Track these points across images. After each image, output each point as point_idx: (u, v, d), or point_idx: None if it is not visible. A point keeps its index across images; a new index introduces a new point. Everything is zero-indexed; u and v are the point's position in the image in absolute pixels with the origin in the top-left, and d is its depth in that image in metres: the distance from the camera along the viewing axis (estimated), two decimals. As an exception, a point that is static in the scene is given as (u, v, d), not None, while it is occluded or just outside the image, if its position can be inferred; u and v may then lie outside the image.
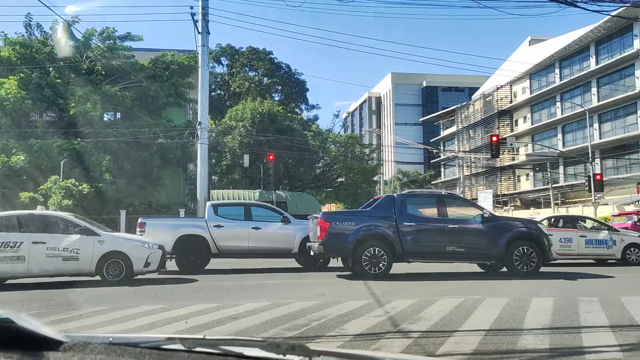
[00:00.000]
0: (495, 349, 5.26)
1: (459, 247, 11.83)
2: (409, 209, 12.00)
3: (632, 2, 9.37)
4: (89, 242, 10.59)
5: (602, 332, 5.92)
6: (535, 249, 11.94)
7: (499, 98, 59.14)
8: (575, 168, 47.12)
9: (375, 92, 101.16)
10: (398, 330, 6.08)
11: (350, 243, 11.43)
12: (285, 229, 13.73)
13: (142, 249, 11.02)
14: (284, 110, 33.54)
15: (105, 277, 10.63)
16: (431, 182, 75.76)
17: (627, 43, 42.41)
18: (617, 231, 16.67)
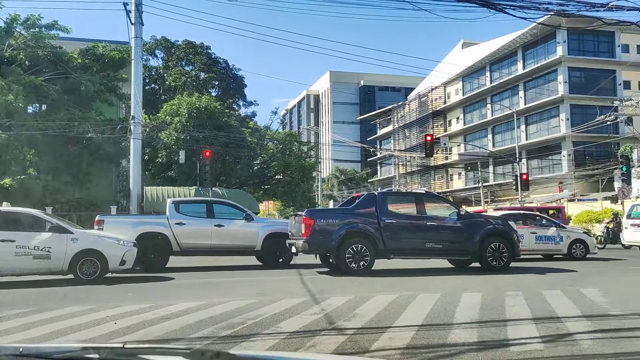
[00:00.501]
0: (427, 343, 5.39)
1: (437, 244, 12.19)
2: (389, 207, 12.24)
3: (555, 11, 9.83)
4: (61, 240, 10.28)
5: (526, 325, 6.19)
6: (507, 245, 12.42)
7: (434, 99, 60.86)
8: (504, 167, 49.24)
9: (314, 90, 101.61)
10: (333, 327, 6.12)
11: (335, 240, 11.52)
12: (248, 227, 13.68)
13: (117, 246, 10.82)
14: (221, 106, 32.98)
15: (78, 276, 10.35)
16: (368, 180, 76.97)
17: (551, 49, 44.72)
18: (564, 228, 17.55)
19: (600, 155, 42.24)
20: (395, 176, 61.49)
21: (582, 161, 42.61)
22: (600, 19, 10.94)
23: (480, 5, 9.10)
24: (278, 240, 13.64)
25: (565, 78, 43.58)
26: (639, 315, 6.78)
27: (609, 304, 7.66)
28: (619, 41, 43.74)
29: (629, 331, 5.89)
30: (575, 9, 9.77)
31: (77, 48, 28.36)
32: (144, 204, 24.98)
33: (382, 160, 72.52)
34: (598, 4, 9.81)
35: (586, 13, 10.53)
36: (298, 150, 38.70)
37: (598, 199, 36.22)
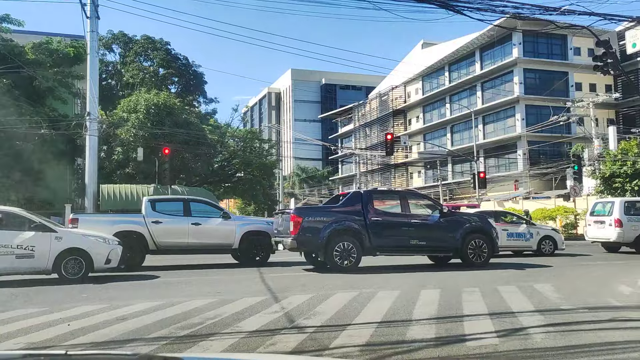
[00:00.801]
0: (386, 340, 5.45)
1: (421, 241, 12.49)
2: (375, 205, 12.44)
3: (511, 13, 10.07)
4: (45, 239, 10.13)
5: (482, 320, 6.34)
6: (487, 242, 12.82)
7: (394, 98, 61.52)
8: (462, 166, 50.22)
9: (275, 88, 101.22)
10: (293, 326, 6.12)
11: (323, 238, 11.67)
12: (226, 225, 13.65)
13: (102, 245, 10.73)
14: (181, 103, 32.49)
15: (63, 275, 10.22)
16: (329, 178, 77.23)
17: (507, 51, 45.85)
18: (534, 225, 18.06)
19: (554, 155, 43.61)
20: (356, 174, 61.97)
21: (537, 160, 43.87)
22: (554, 22, 11.29)
23: (439, 6, 9.24)
24: (255, 238, 13.74)
25: (520, 79, 44.75)
26: (588, 309, 7.02)
27: (560, 298, 7.92)
28: (571, 44, 45.21)
29: (579, 324, 6.10)
30: (530, 12, 10.04)
31: (32, 42, 27.43)
32: (100, 203, 24.39)
33: (343, 158, 72.89)
34: (551, 7, 10.12)
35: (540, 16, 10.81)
36: (259, 148, 38.50)
37: (551, 196, 37.37)
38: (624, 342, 5.25)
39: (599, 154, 33.63)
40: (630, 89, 41.48)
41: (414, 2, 9.42)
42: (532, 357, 4.80)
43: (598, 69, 11.77)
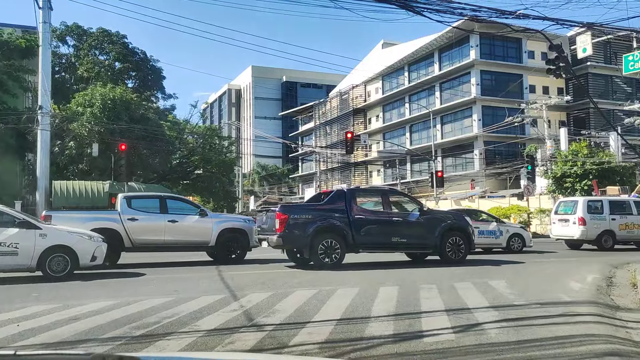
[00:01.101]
0: (345, 337, 5.48)
1: (402, 238, 12.70)
2: (358, 203, 12.63)
3: (469, 16, 10.27)
4: (29, 236, 9.95)
5: (439, 316, 6.46)
6: (464, 239, 13.18)
7: (354, 97, 61.91)
8: (421, 165, 50.98)
9: (236, 85, 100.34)
10: (252, 324, 6.08)
11: (308, 235, 11.78)
12: (203, 222, 13.58)
13: (88, 242, 10.60)
14: (138, 98, 31.77)
15: (48, 272, 10.06)
16: (289, 176, 77.14)
17: (465, 53, 46.81)
18: (504, 223, 18.56)
19: (509, 155, 44.78)
20: (316, 172, 62.11)
21: (492, 160, 44.97)
22: (509, 26, 11.58)
23: (400, 7, 9.34)
24: (232, 235, 13.75)
25: (477, 80, 45.75)
26: (540, 305, 7.24)
27: (514, 294, 8.14)
28: (525, 48, 46.51)
29: (531, 319, 6.28)
30: (487, 15, 10.27)
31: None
32: (53, 199, 23.65)
33: (304, 156, 72.91)
34: (507, 11, 10.37)
35: (497, 19, 11.09)
36: (219, 145, 38.10)
37: (506, 195, 38.38)
38: (572, 336, 5.43)
39: (551, 154, 34.75)
40: (581, 92, 43.00)
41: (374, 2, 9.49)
42: (486, 351, 4.91)
43: (551, 72, 12.15)
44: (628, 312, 7.03)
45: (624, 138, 17.78)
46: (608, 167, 31.20)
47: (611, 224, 18.20)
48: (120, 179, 26.03)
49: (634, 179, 33.10)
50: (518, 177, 40.93)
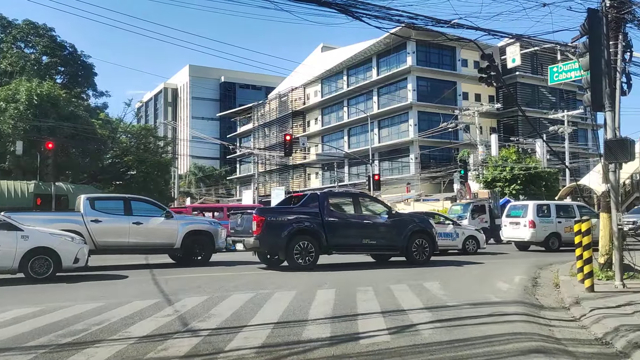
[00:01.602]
0: (282, 340, 5.45)
1: (372, 240, 13.15)
2: (331, 206, 12.96)
3: (406, 23, 10.49)
4: (10, 238, 9.86)
5: (375, 318, 6.54)
6: (428, 241, 13.70)
7: (294, 99, 61.99)
8: (358, 168, 51.69)
9: (172, 84, 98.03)
10: (187, 329, 5.93)
11: (284, 237, 11.99)
12: (168, 224, 13.39)
13: (71, 244, 10.51)
14: (67, 95, 30.34)
15: (30, 275, 9.96)
16: (227, 177, 76.15)
17: (402, 59, 47.94)
18: (460, 225, 19.05)
19: (443, 159, 46.20)
20: (254, 174, 61.60)
21: (427, 164, 46.23)
22: (444, 34, 11.94)
23: (340, 11, 9.41)
24: (197, 237, 13.67)
25: (414, 86, 46.95)
26: (470, 305, 7.48)
27: (447, 295, 8.37)
28: (459, 56, 48.18)
29: (462, 320, 6.48)
30: (424, 23, 10.54)
31: None
32: (-29, 200, 22.23)
33: (242, 157, 72.23)
34: (442, 20, 10.68)
35: (433, 27, 11.39)
36: (154, 145, 37.03)
37: (440, 199, 39.53)
38: (501, 335, 5.64)
39: (483, 159, 36.14)
40: (510, 100, 45.00)
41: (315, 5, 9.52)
42: (421, 352, 5.02)
43: (483, 80, 12.59)
44: (551, 311, 7.39)
45: (549, 145, 18.70)
46: (534, 173, 32.79)
47: (557, 226, 19.16)
48: (46, 179, 24.75)
49: (557, 183, 34.96)
50: (451, 181, 42.28)
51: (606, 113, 9.42)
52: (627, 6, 9.74)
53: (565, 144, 36.95)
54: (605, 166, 9.49)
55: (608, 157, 9.05)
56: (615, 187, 9.43)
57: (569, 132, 38.00)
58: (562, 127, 37.37)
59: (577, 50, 11.46)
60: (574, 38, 10.71)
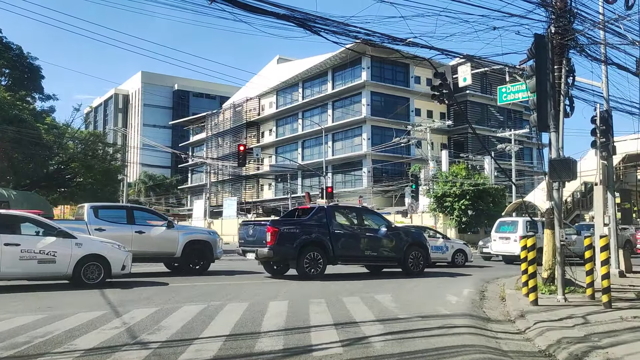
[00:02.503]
0: (234, 353, 5.40)
1: (374, 252, 13.88)
2: (337, 219, 13.70)
3: (362, 39, 10.69)
4: (66, 245, 10.40)
5: (327, 330, 6.57)
6: (423, 254, 14.57)
7: (248, 109, 61.76)
8: (312, 180, 51.88)
9: (123, 90, 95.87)
10: (136, 341, 5.80)
11: (296, 248, 12.64)
12: (169, 233, 13.65)
13: (119, 252, 11.04)
14: (11, 97, 29.17)
15: (82, 281, 10.45)
16: (178, 187, 74.82)
17: (357, 74, 48.65)
18: (449, 239, 19.85)
19: (395, 174, 46.99)
20: (206, 184, 60.86)
21: (380, 178, 46.89)
22: (400, 52, 12.21)
23: (298, 25, 9.49)
24: (197, 247, 13.98)
25: (368, 101, 47.67)
26: (421, 318, 7.62)
27: (398, 308, 8.50)
28: (412, 73, 49.34)
29: (413, 332, 6.60)
30: (380, 40, 10.75)
31: None
32: None
33: (194, 167, 71.24)
34: (398, 38, 10.93)
35: (389, 45, 11.64)
36: (103, 152, 36.01)
37: (392, 212, 40.08)
38: (450, 347, 5.78)
39: (433, 175, 36.93)
40: (460, 117, 46.33)
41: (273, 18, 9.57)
42: (373, 364, 5.07)
43: (435, 97, 12.93)
44: (498, 324, 7.62)
45: (497, 162, 19.37)
46: (483, 189, 33.75)
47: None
48: (-14, 184, 23.72)
49: (504, 200, 36.07)
50: (403, 195, 43.00)
51: (551, 133, 9.85)
52: (570, 33, 10.25)
53: (512, 161, 38.28)
54: (550, 184, 9.89)
55: (552, 176, 9.44)
56: (558, 205, 9.84)
57: (516, 150, 39.42)
58: (509, 145, 38.73)
59: (525, 73, 11.98)
60: (522, 61, 11.16)
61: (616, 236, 13.91)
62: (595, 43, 11.73)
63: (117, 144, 51.51)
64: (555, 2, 10.14)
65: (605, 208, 13.53)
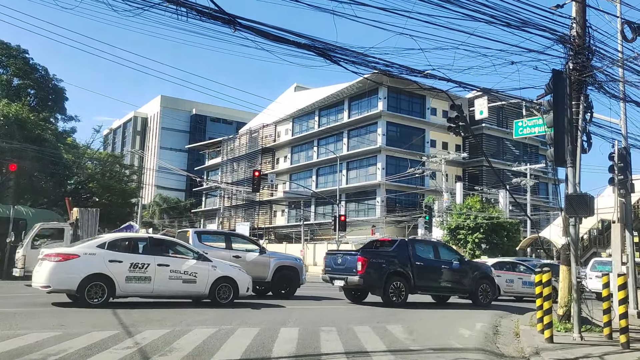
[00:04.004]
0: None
1: (448, 283, 14.86)
2: (417, 252, 14.57)
3: (381, 70, 10.84)
4: (204, 267, 11.60)
5: (338, 359, 6.52)
6: (491, 286, 15.54)
7: (264, 136, 62.26)
8: (325, 208, 51.84)
9: (142, 113, 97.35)
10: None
11: (382, 278, 13.65)
12: (262, 259, 14.65)
13: (245, 275, 12.33)
14: (35, 117, 29.83)
15: (216, 300, 11.63)
16: (191, 210, 75.16)
17: (373, 104, 48.96)
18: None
19: (408, 204, 46.78)
20: (220, 208, 61.07)
21: (393, 208, 46.71)
22: (418, 83, 12.34)
23: (318, 54, 9.67)
24: (285, 272, 14.99)
25: (383, 131, 47.83)
26: (433, 351, 7.53)
27: (409, 339, 8.41)
28: (429, 104, 49.52)
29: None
30: (398, 71, 10.89)
31: None
32: None
33: (208, 191, 71.62)
34: (416, 70, 11.06)
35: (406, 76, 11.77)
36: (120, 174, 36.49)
37: (404, 243, 39.76)
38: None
39: (447, 206, 36.73)
40: (476, 150, 46.27)
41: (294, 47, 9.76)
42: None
43: (451, 129, 12.97)
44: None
45: (513, 196, 19.26)
46: (497, 222, 33.47)
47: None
48: (5, 201, 24.05)
49: (518, 234, 35.72)
50: (416, 226, 42.73)
51: (568, 169, 9.82)
52: (588, 70, 10.30)
53: (527, 195, 38.01)
54: (566, 220, 9.81)
55: (569, 211, 9.38)
56: (575, 241, 9.74)
57: (531, 185, 39.16)
58: (525, 179, 38.51)
59: (542, 108, 12.01)
60: (539, 96, 11.20)
61: (634, 275, 13.68)
62: (614, 80, 11.75)
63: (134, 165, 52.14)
64: (574, 39, 10.24)
65: (623, 246, 13.34)
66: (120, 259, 10.73)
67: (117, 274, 10.57)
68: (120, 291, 10.66)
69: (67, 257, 10.36)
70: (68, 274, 10.21)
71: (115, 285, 10.53)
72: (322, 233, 50.01)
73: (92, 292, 10.32)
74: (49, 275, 10.15)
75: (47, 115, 32.30)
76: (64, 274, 10.20)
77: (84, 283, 10.23)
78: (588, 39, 10.23)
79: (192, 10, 7.77)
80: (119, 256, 10.76)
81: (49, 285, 10.18)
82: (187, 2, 7.74)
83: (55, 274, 10.15)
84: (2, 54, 37.26)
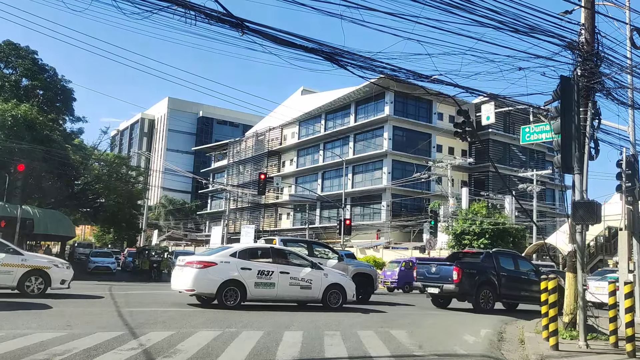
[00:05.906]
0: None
1: (525, 292, 15.64)
2: (502, 263, 15.62)
3: (388, 75, 10.84)
4: (318, 275, 12.88)
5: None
6: None
7: (270, 139, 62.37)
8: (330, 212, 51.81)
9: (150, 114, 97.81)
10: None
11: (474, 286, 14.73)
12: (340, 265, 15.44)
13: (351, 282, 13.57)
14: (44, 118, 29.95)
15: (327, 304, 12.87)
16: (197, 212, 75.34)
17: (380, 108, 48.94)
18: None
19: (414, 209, 46.70)
20: (225, 210, 61.14)
21: (398, 212, 46.63)
22: (425, 88, 12.34)
23: (325, 59, 9.69)
24: (361, 279, 15.65)
25: (389, 135, 47.81)
26: (437, 356, 7.50)
27: (413, 344, 8.38)
28: (435, 109, 49.45)
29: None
30: (405, 76, 10.90)
31: None
32: None
33: (214, 193, 71.78)
34: (423, 75, 11.05)
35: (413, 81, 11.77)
36: (126, 175, 36.61)
37: (409, 247, 39.74)
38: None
39: (453, 212, 36.62)
40: (482, 155, 46.13)
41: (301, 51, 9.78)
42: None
43: (458, 134, 12.96)
44: (516, 366, 7.46)
45: (519, 201, 19.17)
46: (503, 228, 33.33)
47: None
48: (13, 201, 24.18)
49: (524, 240, 35.53)
50: (421, 231, 42.63)
51: (575, 175, 9.77)
52: (596, 77, 10.26)
53: (534, 202, 37.83)
54: (572, 227, 9.76)
55: (575, 218, 9.33)
56: (581, 248, 9.69)
57: (537, 191, 38.98)
58: (531, 185, 38.34)
59: (549, 114, 11.96)
60: (547, 102, 11.17)
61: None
62: (622, 87, 11.70)
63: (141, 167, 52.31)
64: (582, 45, 10.21)
65: (630, 254, 13.26)
66: (250, 266, 12.05)
67: (248, 280, 11.87)
68: (250, 295, 11.94)
69: (207, 264, 11.68)
70: (209, 279, 11.57)
71: (246, 290, 11.82)
72: (327, 236, 49.93)
73: (228, 296, 11.65)
74: (194, 281, 11.51)
75: (55, 115, 32.43)
76: (206, 280, 11.58)
77: (222, 288, 11.59)
78: (596, 45, 10.20)
79: (200, 14, 7.81)
80: (249, 264, 12.09)
81: (193, 289, 11.66)
82: (196, 5, 7.77)
83: (198, 280, 11.52)
84: (10, 54, 37.46)
